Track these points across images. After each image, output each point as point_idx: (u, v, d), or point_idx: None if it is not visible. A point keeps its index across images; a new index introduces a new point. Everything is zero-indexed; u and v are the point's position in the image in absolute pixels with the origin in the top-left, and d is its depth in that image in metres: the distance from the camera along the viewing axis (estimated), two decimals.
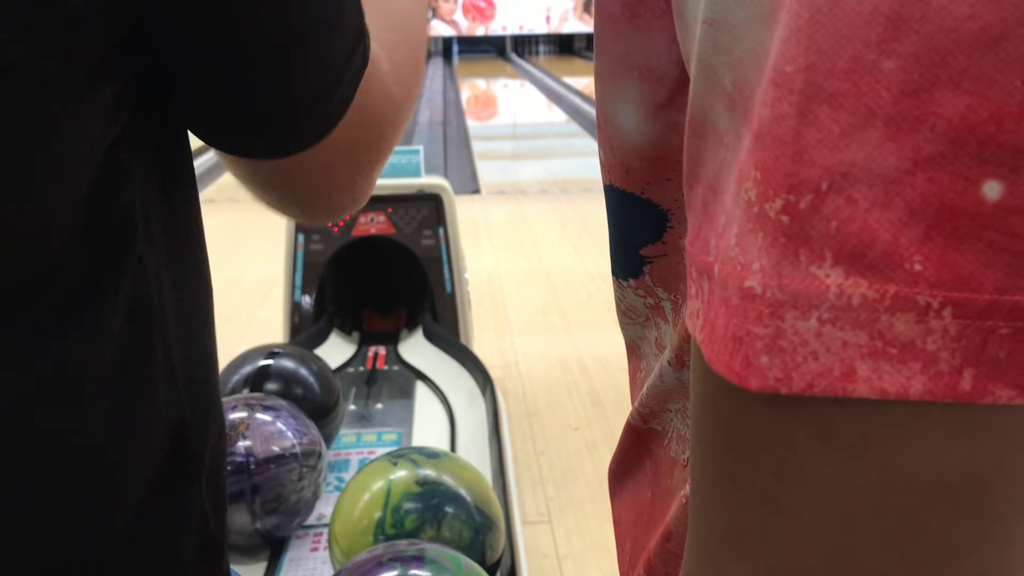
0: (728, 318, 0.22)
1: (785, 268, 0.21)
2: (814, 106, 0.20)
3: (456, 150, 6.66)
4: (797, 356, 0.21)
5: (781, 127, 0.21)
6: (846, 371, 0.20)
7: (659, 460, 0.42)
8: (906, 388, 0.20)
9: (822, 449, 0.22)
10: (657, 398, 0.41)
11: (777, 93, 0.21)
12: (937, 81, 0.19)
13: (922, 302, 0.20)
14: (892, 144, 0.20)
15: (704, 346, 0.23)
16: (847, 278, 0.20)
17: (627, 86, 0.37)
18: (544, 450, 2.25)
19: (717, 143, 0.24)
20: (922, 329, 0.20)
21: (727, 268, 0.23)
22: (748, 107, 0.22)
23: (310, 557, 1.61)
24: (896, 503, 0.21)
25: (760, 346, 0.21)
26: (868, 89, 0.20)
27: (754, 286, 0.21)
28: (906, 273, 0.20)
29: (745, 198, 0.22)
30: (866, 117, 0.20)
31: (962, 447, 0.21)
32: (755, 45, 0.22)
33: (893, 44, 0.19)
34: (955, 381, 0.20)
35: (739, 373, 0.22)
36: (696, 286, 0.24)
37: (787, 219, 0.21)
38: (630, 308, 0.43)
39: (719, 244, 0.23)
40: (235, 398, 1.66)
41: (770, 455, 0.23)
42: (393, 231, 2.40)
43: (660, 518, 0.41)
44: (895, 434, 0.21)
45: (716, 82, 0.24)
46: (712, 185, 0.24)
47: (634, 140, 0.38)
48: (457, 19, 15.13)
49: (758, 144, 0.22)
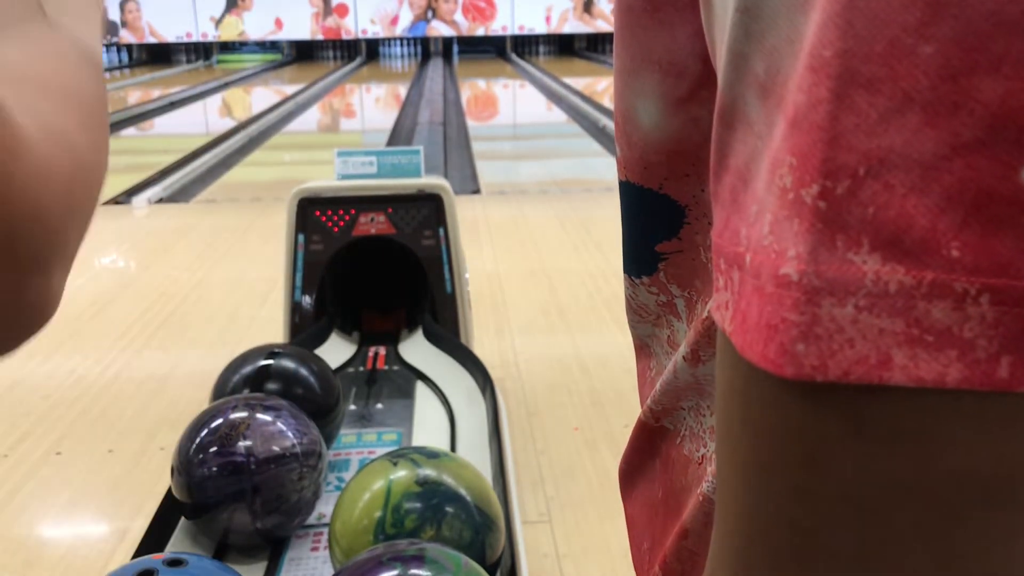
0: (762, 306, 0.22)
1: (822, 254, 0.21)
2: (851, 91, 0.20)
3: (456, 150, 6.65)
4: (833, 343, 0.21)
5: (818, 112, 0.21)
6: (882, 359, 0.20)
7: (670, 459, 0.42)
8: (943, 376, 0.20)
9: (854, 440, 0.21)
10: (670, 395, 0.41)
11: (814, 78, 0.21)
12: (976, 66, 0.19)
13: (959, 289, 0.20)
14: (930, 129, 0.20)
15: (735, 336, 0.23)
16: (884, 264, 0.20)
17: (648, 80, 0.37)
18: (544, 450, 2.25)
19: (747, 132, 0.24)
20: (959, 316, 0.20)
21: (760, 256, 0.22)
22: (782, 94, 0.22)
23: (310, 557, 1.61)
24: (929, 495, 0.21)
25: (796, 333, 0.21)
26: (906, 74, 0.20)
27: (789, 273, 0.21)
28: (943, 259, 0.20)
29: (779, 185, 0.22)
30: (904, 102, 0.20)
31: (997, 438, 0.21)
32: (789, 32, 0.22)
33: (931, 28, 0.19)
34: (992, 369, 0.20)
35: (774, 361, 0.22)
36: (725, 277, 0.24)
37: (824, 205, 0.21)
38: (641, 306, 0.43)
39: (750, 233, 0.23)
40: (235, 398, 1.66)
41: (800, 446, 0.22)
42: (393, 231, 2.40)
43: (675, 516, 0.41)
44: (929, 424, 0.21)
45: (747, 71, 0.24)
46: (742, 175, 0.24)
47: (653, 135, 0.38)
48: (457, 19, 15.12)
49: (793, 130, 0.21)
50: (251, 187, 5.50)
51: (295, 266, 2.40)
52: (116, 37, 14.97)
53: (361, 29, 15.10)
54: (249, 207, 4.88)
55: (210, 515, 1.55)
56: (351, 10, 15.01)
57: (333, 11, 15.04)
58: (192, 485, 1.54)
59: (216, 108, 10.22)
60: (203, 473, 1.53)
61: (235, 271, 3.74)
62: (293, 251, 2.40)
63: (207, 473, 1.53)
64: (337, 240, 2.40)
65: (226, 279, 3.65)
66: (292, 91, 10.61)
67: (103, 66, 0.47)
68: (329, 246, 2.40)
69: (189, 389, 2.51)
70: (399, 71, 13.84)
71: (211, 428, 1.56)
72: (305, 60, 14.96)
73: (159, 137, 8.25)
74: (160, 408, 2.49)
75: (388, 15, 15.05)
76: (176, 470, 1.56)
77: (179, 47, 15.29)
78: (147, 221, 4.83)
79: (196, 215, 4.87)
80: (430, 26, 15.08)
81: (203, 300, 3.41)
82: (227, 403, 1.63)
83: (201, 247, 4.13)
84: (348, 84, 12.09)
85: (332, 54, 15.28)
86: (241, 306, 3.30)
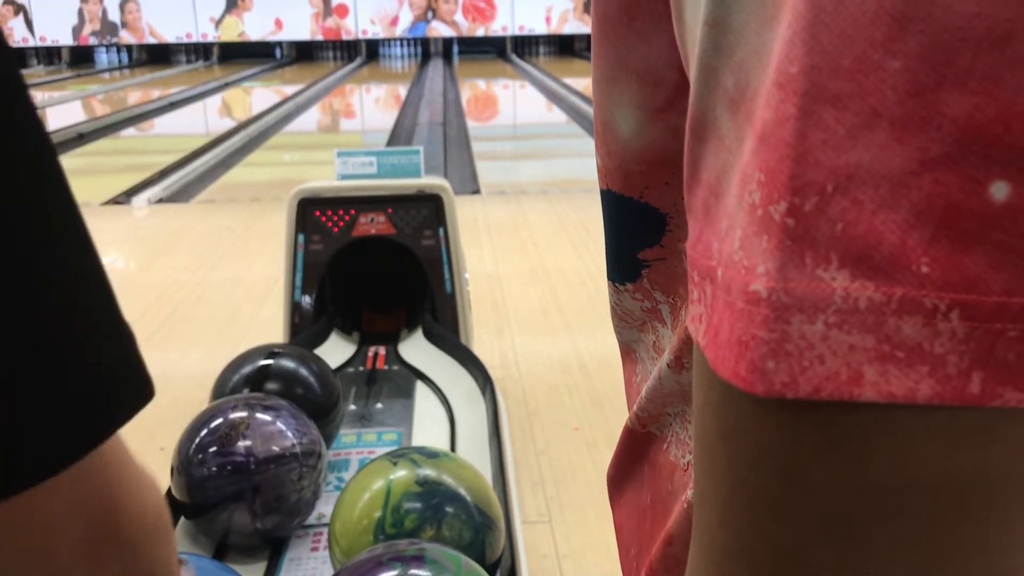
0: (733, 322, 0.22)
1: (791, 271, 0.21)
2: (818, 107, 0.20)
3: (456, 150, 6.65)
4: (803, 360, 0.21)
5: (785, 128, 0.21)
6: (853, 375, 0.20)
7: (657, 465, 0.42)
8: (914, 392, 0.20)
9: (828, 454, 0.21)
10: (656, 402, 0.41)
11: (781, 94, 0.21)
12: (943, 81, 0.19)
13: (929, 304, 0.19)
14: (898, 145, 0.19)
15: (708, 351, 0.23)
16: (853, 281, 0.20)
17: (625, 90, 0.37)
18: (544, 450, 2.25)
19: (718, 145, 0.24)
20: (930, 332, 0.20)
21: (731, 272, 0.22)
22: (751, 109, 0.22)
23: (310, 557, 1.61)
24: (903, 508, 0.21)
25: (766, 350, 0.21)
26: (873, 89, 0.20)
27: (759, 290, 0.21)
28: (913, 275, 0.19)
29: (748, 201, 0.22)
30: (871, 118, 0.20)
31: (970, 451, 0.21)
32: (757, 46, 0.22)
33: (898, 43, 0.19)
34: (963, 384, 0.20)
35: (744, 378, 0.21)
36: (698, 290, 0.24)
37: (792, 222, 0.21)
38: (626, 312, 0.43)
39: (722, 248, 0.23)
40: (235, 398, 1.66)
41: (775, 461, 0.22)
42: (393, 231, 2.40)
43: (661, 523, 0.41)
44: (902, 438, 0.21)
45: (717, 84, 0.24)
46: (713, 188, 0.24)
47: (632, 144, 0.38)
48: (457, 19, 15.12)
49: (761, 146, 0.21)
50: (251, 187, 5.50)
51: (295, 266, 2.40)
52: (116, 37, 14.97)
53: (361, 30, 15.09)
54: (249, 207, 4.88)
55: (210, 515, 1.55)
56: (351, 11, 15.01)
57: (333, 12, 15.04)
58: (192, 485, 1.54)
59: (216, 108, 10.22)
60: (203, 473, 1.53)
61: (235, 271, 3.73)
62: (293, 251, 2.40)
63: (207, 473, 1.53)
64: (337, 240, 2.40)
65: (226, 279, 3.65)
66: (292, 91, 10.61)
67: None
68: (329, 246, 2.40)
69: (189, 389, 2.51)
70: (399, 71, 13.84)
71: (211, 428, 1.56)
72: (305, 60, 14.96)
73: (159, 137, 8.25)
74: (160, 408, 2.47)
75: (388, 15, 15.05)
76: (176, 470, 1.56)
77: (179, 47, 15.29)
78: (147, 221, 4.83)
79: (196, 215, 4.87)
80: (430, 27, 15.08)
81: (203, 300, 3.41)
82: (227, 403, 1.63)
83: (201, 247, 4.13)
84: (348, 84, 12.08)
85: (332, 54, 15.28)
86: (241, 306, 3.30)
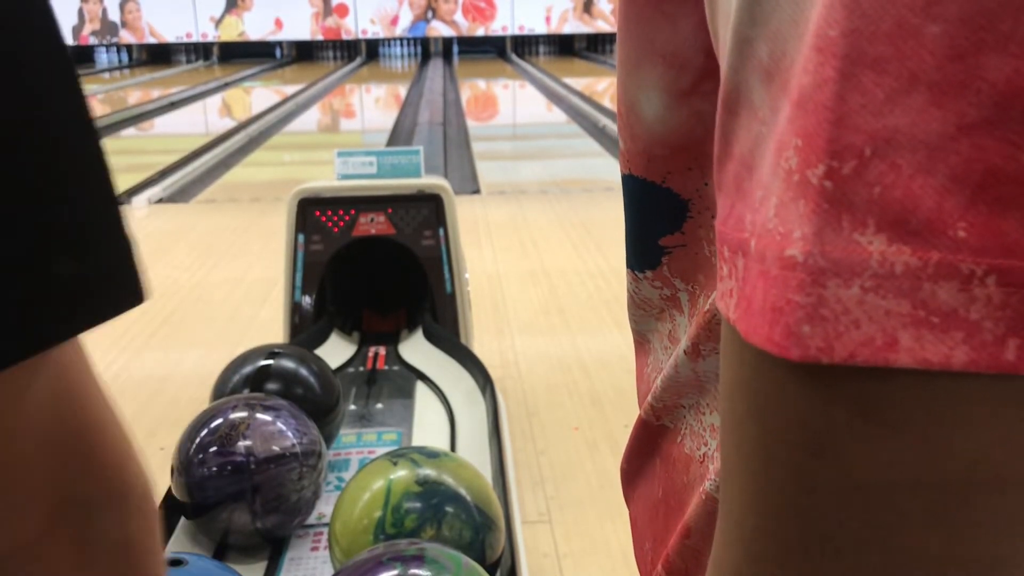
0: (767, 289, 0.22)
1: (827, 235, 0.21)
2: (858, 70, 0.20)
3: (456, 150, 6.65)
4: (839, 325, 0.20)
5: (824, 92, 0.21)
6: (888, 340, 0.20)
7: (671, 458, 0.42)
8: (949, 358, 0.20)
9: (861, 425, 0.21)
10: (671, 391, 0.41)
11: (820, 58, 0.21)
12: (983, 45, 0.19)
13: (966, 270, 0.19)
14: (936, 109, 0.19)
15: (740, 322, 0.23)
16: (890, 245, 0.20)
17: (651, 73, 0.37)
18: (544, 450, 2.25)
19: (751, 117, 0.24)
20: (965, 297, 0.19)
21: (765, 240, 0.22)
22: (786, 78, 0.22)
23: (310, 557, 1.61)
24: (936, 480, 0.21)
25: (801, 315, 0.21)
26: (912, 54, 0.20)
27: (795, 254, 0.21)
28: (949, 240, 0.19)
29: (785, 167, 0.22)
30: (910, 82, 0.20)
31: (1005, 420, 0.20)
32: (794, 13, 0.22)
33: (938, 8, 0.19)
34: (999, 351, 0.19)
35: (779, 343, 0.21)
36: (728, 265, 0.24)
37: (830, 185, 0.20)
38: (644, 300, 0.43)
39: (755, 218, 0.23)
40: (235, 398, 1.67)
41: (807, 434, 0.22)
42: (393, 231, 2.40)
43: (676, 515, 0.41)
44: (937, 409, 0.20)
45: (752, 55, 0.24)
46: (746, 161, 0.24)
47: (656, 128, 0.38)
48: (457, 19, 15.12)
49: (799, 111, 0.21)
50: (251, 187, 5.50)
51: (295, 266, 2.40)
52: (116, 37, 14.96)
53: (361, 29, 15.09)
54: (249, 207, 4.88)
55: (210, 515, 1.55)
56: (351, 10, 15.00)
57: (333, 11, 15.03)
58: (192, 485, 1.54)
59: (216, 108, 10.22)
60: (203, 473, 1.53)
61: (235, 271, 3.73)
62: (293, 251, 2.40)
63: (207, 473, 1.53)
64: (337, 240, 2.40)
65: (226, 279, 3.65)
66: (292, 91, 10.61)
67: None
68: (329, 246, 2.40)
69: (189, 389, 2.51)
70: (399, 71, 13.84)
71: (211, 428, 1.56)
72: (305, 60, 14.96)
73: (159, 137, 8.25)
74: (160, 408, 2.49)
75: (388, 15, 15.04)
76: (176, 470, 1.57)
77: (179, 47, 15.28)
78: (147, 221, 4.83)
79: (196, 215, 4.87)
80: (430, 26, 15.08)
81: (203, 300, 3.41)
82: (227, 403, 1.63)
83: (201, 247, 4.13)
84: (348, 84, 12.08)
85: (332, 54, 15.28)
86: (241, 306, 3.30)
